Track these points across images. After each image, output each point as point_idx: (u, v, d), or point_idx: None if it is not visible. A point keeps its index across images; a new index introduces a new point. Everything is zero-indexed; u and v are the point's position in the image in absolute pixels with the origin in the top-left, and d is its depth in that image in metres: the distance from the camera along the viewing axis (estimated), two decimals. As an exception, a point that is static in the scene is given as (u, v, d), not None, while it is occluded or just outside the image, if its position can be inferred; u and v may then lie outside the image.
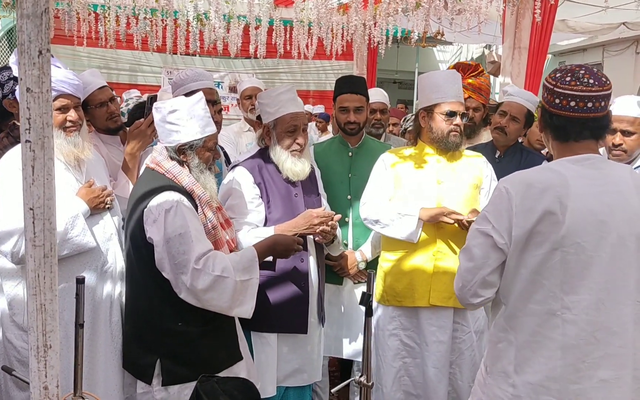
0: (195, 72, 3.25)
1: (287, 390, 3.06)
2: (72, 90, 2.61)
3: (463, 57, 14.68)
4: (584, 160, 1.91)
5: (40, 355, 1.11)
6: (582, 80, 1.88)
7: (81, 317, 1.99)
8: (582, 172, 1.89)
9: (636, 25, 8.77)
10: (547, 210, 1.84)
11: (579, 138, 1.92)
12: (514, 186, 1.92)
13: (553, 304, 1.86)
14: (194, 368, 2.48)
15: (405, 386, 3.13)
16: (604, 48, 11.86)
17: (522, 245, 1.89)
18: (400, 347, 3.10)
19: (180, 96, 2.63)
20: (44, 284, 1.09)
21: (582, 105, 1.88)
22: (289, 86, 3.11)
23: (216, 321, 2.55)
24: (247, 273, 2.49)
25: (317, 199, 3.11)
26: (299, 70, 10.25)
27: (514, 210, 1.88)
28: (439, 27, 8.24)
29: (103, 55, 8.98)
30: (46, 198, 1.07)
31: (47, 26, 1.03)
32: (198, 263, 2.37)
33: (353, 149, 3.50)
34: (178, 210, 2.40)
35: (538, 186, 1.87)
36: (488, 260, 1.96)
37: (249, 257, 2.53)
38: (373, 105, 4.08)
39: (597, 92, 1.87)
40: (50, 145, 1.07)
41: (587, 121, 1.90)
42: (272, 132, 2.97)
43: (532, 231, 1.86)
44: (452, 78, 3.08)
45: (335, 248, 3.18)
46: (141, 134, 3.15)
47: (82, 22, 6.98)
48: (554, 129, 1.96)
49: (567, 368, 1.86)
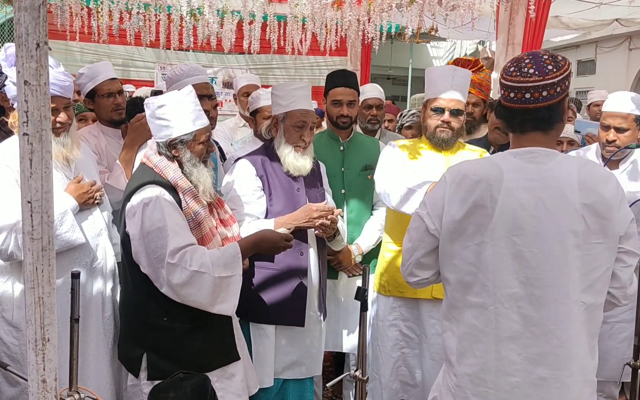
0: (190, 67, 3.24)
1: (285, 383, 3.07)
2: (61, 92, 2.59)
3: (457, 53, 14.71)
4: (525, 153, 1.88)
5: (38, 348, 1.11)
6: (523, 70, 1.84)
7: (77, 312, 2.00)
8: (520, 165, 1.86)
9: (629, 21, 8.82)
10: (477, 203, 1.84)
11: (523, 130, 1.89)
12: (451, 175, 1.94)
13: (486, 297, 1.85)
14: (181, 364, 2.47)
15: (403, 377, 3.14)
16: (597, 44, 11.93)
17: (453, 235, 1.90)
18: (400, 338, 3.12)
19: (166, 92, 2.62)
20: (42, 277, 1.09)
21: (520, 96, 1.84)
22: (306, 83, 3.13)
23: (205, 318, 2.52)
24: (229, 269, 2.44)
25: (321, 194, 3.12)
26: (293, 66, 10.23)
27: (446, 198, 1.90)
28: (433, 23, 8.26)
29: (96, 50, 8.92)
30: (44, 191, 1.07)
31: (45, 19, 1.03)
32: (173, 258, 2.35)
33: (344, 143, 3.51)
34: (157, 204, 2.39)
35: (472, 178, 1.87)
36: (422, 243, 2.00)
37: (231, 253, 2.48)
38: (369, 100, 4.08)
39: (535, 82, 1.82)
40: (48, 138, 1.07)
41: (527, 112, 1.85)
42: (280, 124, 2.99)
43: (463, 222, 1.86)
44: (446, 73, 3.06)
45: (337, 243, 3.19)
46: (141, 128, 3.15)
47: (74, 17, 6.92)
48: (502, 119, 1.98)
49: (502, 361, 1.85)
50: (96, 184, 2.75)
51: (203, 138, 2.53)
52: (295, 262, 2.94)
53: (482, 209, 1.83)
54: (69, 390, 2.03)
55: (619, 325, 3.17)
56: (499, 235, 1.82)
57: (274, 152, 3.01)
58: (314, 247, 3.03)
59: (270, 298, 2.92)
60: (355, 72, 4.14)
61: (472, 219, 1.85)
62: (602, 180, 1.85)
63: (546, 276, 1.81)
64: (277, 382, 3.01)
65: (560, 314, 1.81)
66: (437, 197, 1.95)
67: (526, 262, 1.81)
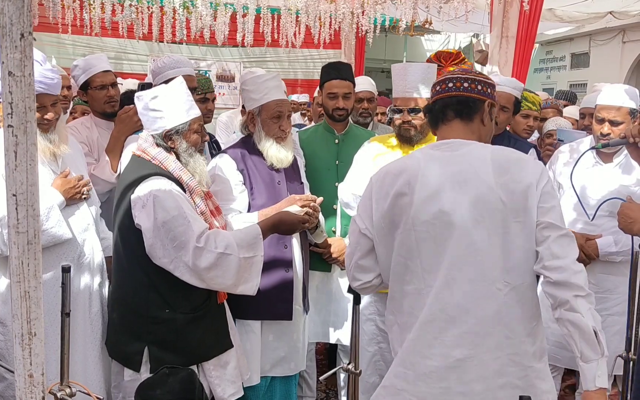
0: (172, 59, 3.23)
1: (273, 381, 3.06)
2: (49, 89, 2.56)
3: (451, 46, 14.68)
4: (442, 144, 1.99)
5: (25, 343, 1.10)
6: (451, 74, 2.03)
7: (67, 306, 1.98)
8: (437, 155, 1.96)
9: (623, 14, 8.83)
10: (398, 193, 1.93)
11: (444, 117, 2.01)
12: (376, 175, 2.06)
13: (418, 283, 1.91)
14: (182, 355, 2.49)
15: (381, 370, 3.15)
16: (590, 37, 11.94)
17: (385, 230, 1.98)
18: (376, 332, 3.11)
19: (161, 83, 2.61)
20: (28, 271, 1.08)
21: (444, 86, 2.01)
22: (274, 74, 3.14)
23: (204, 308, 2.54)
24: (252, 250, 2.49)
25: (300, 186, 3.12)
26: (287, 59, 10.19)
27: (374, 197, 2.01)
28: (427, 15, 8.23)
29: (88, 43, 8.86)
30: (29, 184, 1.06)
31: (29, 8, 1.01)
32: (199, 241, 2.36)
33: (339, 135, 3.51)
34: (167, 193, 2.39)
35: (393, 172, 1.98)
36: (358, 245, 2.08)
37: (253, 234, 2.53)
38: (360, 94, 4.07)
39: (457, 75, 2.00)
40: (33, 130, 1.05)
41: (449, 99, 2.00)
42: (256, 119, 2.97)
43: (389, 214, 1.96)
44: (400, 72, 3.05)
45: (318, 235, 3.18)
46: (128, 119, 3.13)
47: (66, 10, 6.88)
48: (428, 115, 2.11)
49: (418, 342, 1.89)
50: (84, 178, 2.72)
51: (196, 126, 2.54)
52: (279, 254, 2.93)
53: (403, 197, 1.93)
54: (60, 384, 2.03)
55: (612, 319, 3.18)
56: (419, 221, 1.89)
57: (254, 146, 2.99)
58: (297, 239, 3.02)
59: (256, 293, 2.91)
60: (350, 64, 4.12)
61: (395, 209, 1.94)
62: (517, 160, 1.92)
63: (463, 258, 1.85)
64: (264, 380, 3.00)
65: (477, 292, 1.84)
66: (365, 198, 2.07)
67: (444, 244, 1.86)
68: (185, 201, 2.44)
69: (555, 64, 14.05)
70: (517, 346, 1.86)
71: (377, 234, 2.01)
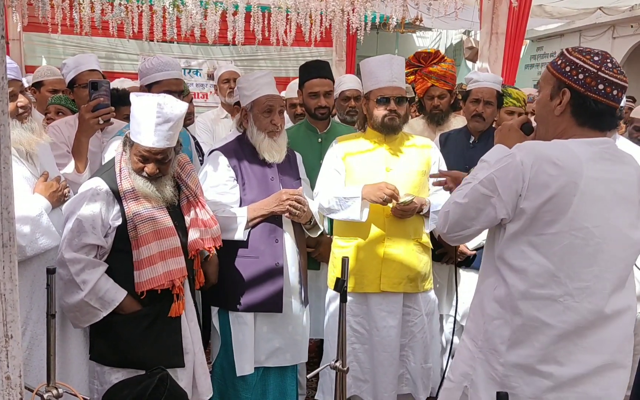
0: (160, 61, 3.17)
1: (267, 372, 3.08)
2: (14, 74, 2.49)
3: (442, 43, 14.71)
4: (600, 143, 1.83)
5: (1, 345, 1.10)
6: (619, 68, 1.82)
7: (53, 308, 1.98)
8: (597, 156, 1.81)
9: (612, 10, 8.87)
10: (558, 190, 1.76)
11: (605, 127, 1.84)
12: (527, 156, 1.81)
13: (556, 289, 1.81)
14: (119, 355, 2.54)
15: (354, 371, 3.18)
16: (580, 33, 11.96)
17: (528, 221, 1.81)
18: (350, 333, 3.13)
19: (146, 96, 2.55)
20: (4, 274, 1.08)
21: (620, 95, 1.80)
22: (266, 72, 3.21)
23: (144, 315, 2.54)
24: (99, 303, 2.49)
25: (296, 182, 3.14)
26: (278, 57, 10.17)
27: (527, 182, 1.79)
28: (417, 12, 8.24)
29: (78, 43, 8.81)
30: (3, 187, 1.06)
31: (2, 12, 1.01)
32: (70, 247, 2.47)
33: (322, 134, 3.54)
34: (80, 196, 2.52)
35: (554, 161, 1.77)
36: (478, 224, 1.94)
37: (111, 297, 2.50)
38: (347, 92, 4.09)
39: (627, 83, 1.83)
40: (6, 133, 1.05)
41: (616, 111, 1.83)
42: (249, 114, 3.03)
43: (541, 209, 1.78)
44: (385, 63, 3.08)
45: (314, 230, 3.20)
46: (81, 119, 3.03)
47: (56, 9, 6.83)
48: (589, 115, 1.82)
49: (559, 351, 1.83)
50: (61, 180, 2.69)
51: (141, 152, 2.50)
52: (270, 249, 2.97)
53: (563, 196, 1.76)
54: (47, 385, 2.03)
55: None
56: (578, 225, 1.77)
57: (248, 142, 3.04)
58: (290, 233, 3.05)
59: (247, 286, 2.95)
60: (328, 61, 4.13)
61: (550, 205, 1.77)
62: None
63: (615, 269, 1.82)
64: (257, 371, 3.02)
65: (619, 303, 1.84)
66: (510, 179, 1.82)
67: (602, 254, 1.79)
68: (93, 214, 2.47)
69: (545, 60, 14.06)
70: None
71: (516, 221, 1.84)
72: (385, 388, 3.12)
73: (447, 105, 4.15)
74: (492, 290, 1.95)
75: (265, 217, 2.95)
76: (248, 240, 2.95)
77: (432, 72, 4.07)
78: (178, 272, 2.57)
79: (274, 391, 3.12)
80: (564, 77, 1.84)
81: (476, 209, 1.90)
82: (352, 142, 3.20)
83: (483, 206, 1.88)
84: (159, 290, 2.53)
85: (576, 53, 1.85)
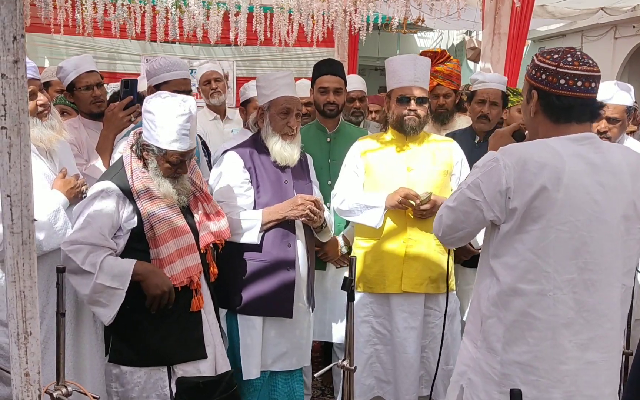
0: (169, 61, 3.17)
1: (274, 376, 3.07)
2: (32, 74, 2.50)
3: (444, 44, 14.72)
4: (582, 139, 1.87)
5: (20, 342, 1.11)
6: (582, 60, 1.86)
7: (62, 306, 1.99)
8: (579, 150, 1.85)
9: (614, 10, 8.88)
10: (543, 186, 1.81)
11: (580, 119, 1.89)
12: (509, 157, 1.88)
13: (545, 283, 1.85)
14: (142, 354, 2.54)
15: (377, 372, 3.16)
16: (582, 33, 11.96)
17: (517, 220, 1.86)
18: (372, 334, 3.13)
19: (166, 98, 2.50)
20: (23, 270, 1.09)
21: (587, 85, 1.85)
22: (288, 72, 3.15)
23: (165, 313, 2.54)
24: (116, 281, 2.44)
25: (308, 185, 3.13)
26: (280, 58, 10.18)
27: (511, 183, 1.85)
28: (419, 13, 8.25)
29: (81, 44, 8.83)
30: (23, 185, 1.07)
31: (22, 11, 1.02)
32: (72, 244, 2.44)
33: (331, 134, 3.53)
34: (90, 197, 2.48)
35: (536, 160, 1.83)
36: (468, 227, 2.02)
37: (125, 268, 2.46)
38: (352, 93, 4.10)
39: (597, 72, 1.87)
40: (26, 131, 1.06)
41: (589, 102, 1.87)
42: (265, 114, 3.00)
43: (528, 206, 1.83)
44: (408, 62, 3.06)
45: (324, 234, 3.20)
46: (113, 118, 3.09)
47: (58, 10, 6.84)
48: (557, 110, 1.89)
49: (556, 348, 1.86)
50: (79, 177, 2.72)
51: (172, 159, 2.50)
52: (282, 253, 2.95)
53: (548, 191, 1.81)
54: (56, 384, 2.03)
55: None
56: (563, 219, 1.82)
57: (262, 143, 3.01)
58: (302, 239, 3.04)
59: (258, 290, 2.93)
60: (342, 62, 4.13)
61: (537, 202, 1.83)
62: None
63: (602, 260, 1.84)
64: (264, 375, 3.01)
65: (612, 297, 1.87)
66: (494, 182, 1.88)
67: (586, 246, 1.83)
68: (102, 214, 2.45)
69: (547, 60, 14.03)
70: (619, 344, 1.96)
71: (506, 221, 1.89)
72: (407, 389, 3.08)
73: (452, 104, 4.17)
74: (487, 290, 2.00)
75: (279, 221, 2.93)
76: (261, 244, 2.93)
77: (438, 72, 4.07)
78: (195, 269, 2.59)
79: (282, 395, 3.11)
80: (532, 80, 1.95)
81: (464, 212, 1.99)
82: (373, 141, 3.18)
83: (471, 209, 1.97)
84: (179, 288, 2.54)
85: (540, 56, 1.94)
